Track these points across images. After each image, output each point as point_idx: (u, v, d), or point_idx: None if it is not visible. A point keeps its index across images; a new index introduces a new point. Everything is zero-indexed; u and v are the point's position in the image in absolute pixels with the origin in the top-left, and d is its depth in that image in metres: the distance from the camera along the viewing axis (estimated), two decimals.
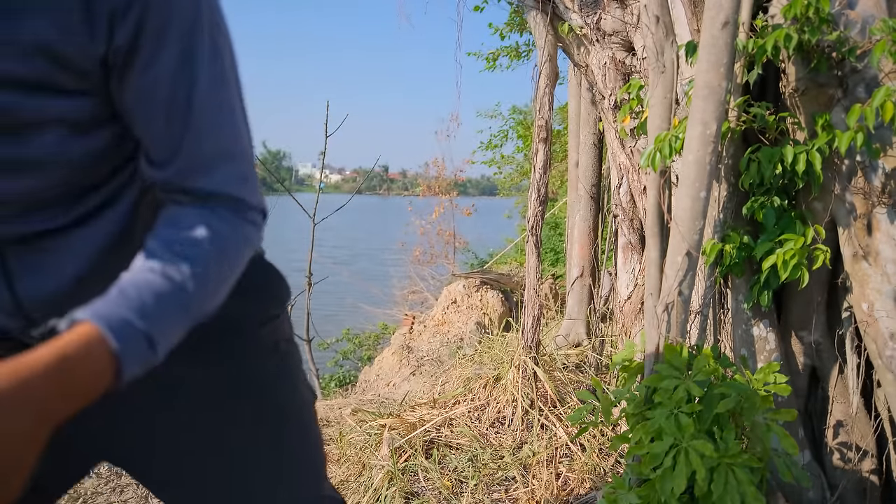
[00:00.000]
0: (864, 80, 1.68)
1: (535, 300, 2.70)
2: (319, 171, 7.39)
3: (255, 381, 0.84)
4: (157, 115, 0.65)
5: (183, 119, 0.65)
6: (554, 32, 2.74)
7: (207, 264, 0.64)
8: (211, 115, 0.67)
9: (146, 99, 0.64)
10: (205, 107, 0.66)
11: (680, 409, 1.45)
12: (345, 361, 7.03)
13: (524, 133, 9.66)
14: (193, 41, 0.63)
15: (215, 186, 0.68)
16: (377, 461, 2.36)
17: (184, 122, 0.65)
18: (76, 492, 2.23)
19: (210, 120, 0.67)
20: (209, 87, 0.66)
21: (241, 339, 0.83)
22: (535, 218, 2.75)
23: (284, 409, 0.87)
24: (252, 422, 0.84)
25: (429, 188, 9.07)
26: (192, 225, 0.65)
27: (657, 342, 1.61)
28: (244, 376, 0.83)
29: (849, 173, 1.73)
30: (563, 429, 2.47)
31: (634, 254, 2.78)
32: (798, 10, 1.61)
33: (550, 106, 2.77)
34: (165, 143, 0.66)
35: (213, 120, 0.67)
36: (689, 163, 1.58)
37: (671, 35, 1.75)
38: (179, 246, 0.64)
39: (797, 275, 1.73)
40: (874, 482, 1.85)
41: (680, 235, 1.58)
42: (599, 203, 3.86)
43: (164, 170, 0.67)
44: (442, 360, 4.14)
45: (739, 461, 1.39)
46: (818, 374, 1.97)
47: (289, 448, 0.87)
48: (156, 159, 0.67)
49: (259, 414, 0.84)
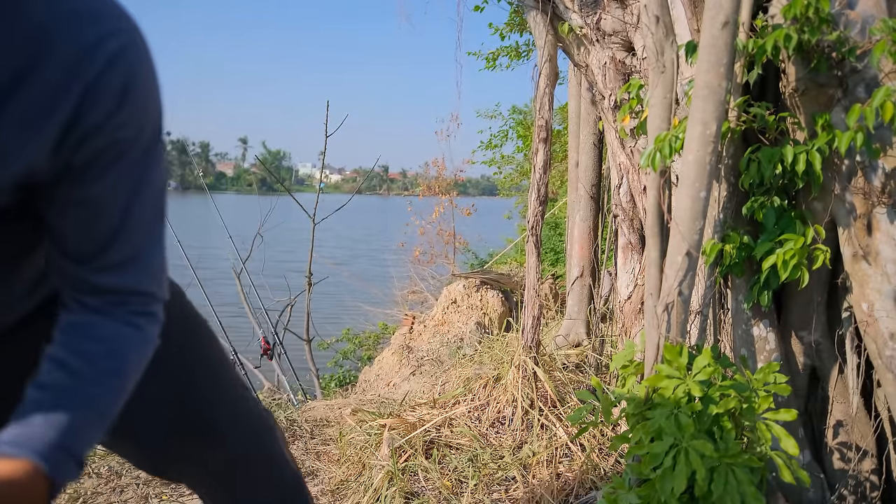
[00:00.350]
0: (864, 80, 1.68)
1: (535, 300, 2.70)
2: (319, 171, 7.38)
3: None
4: (92, 217, 0.68)
5: (117, 224, 0.69)
6: (554, 32, 2.74)
7: (121, 373, 0.71)
8: (141, 221, 0.71)
9: (85, 204, 0.67)
10: (138, 214, 0.71)
11: (680, 409, 1.45)
12: (345, 361, 7.02)
13: (524, 133, 9.66)
14: (145, 161, 0.69)
15: (128, 283, 0.72)
16: (377, 461, 2.36)
17: (117, 226, 0.69)
18: (76, 492, 2.23)
19: (139, 225, 0.71)
20: (146, 198, 0.71)
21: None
22: (535, 218, 2.75)
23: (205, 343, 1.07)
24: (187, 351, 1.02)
25: (429, 188, 9.05)
26: (103, 335, 0.71)
27: (657, 342, 1.61)
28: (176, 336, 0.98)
29: (849, 173, 1.73)
30: (563, 429, 2.47)
31: (634, 254, 2.77)
32: (798, 10, 1.61)
33: (550, 106, 2.77)
34: (92, 242, 0.69)
35: (142, 225, 0.72)
36: (689, 163, 1.58)
37: (671, 35, 1.75)
38: (94, 358, 0.69)
39: (797, 275, 1.73)
40: (874, 482, 1.85)
41: (680, 235, 1.58)
42: (599, 203, 3.87)
43: (83, 265, 0.70)
44: (442, 360, 4.14)
45: (739, 461, 1.39)
46: (818, 374, 1.97)
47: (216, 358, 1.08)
48: (77, 255, 0.70)
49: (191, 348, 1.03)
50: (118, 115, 0.63)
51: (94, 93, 0.61)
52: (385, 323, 7.54)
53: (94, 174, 0.65)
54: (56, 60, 0.59)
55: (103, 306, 0.71)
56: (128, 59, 0.63)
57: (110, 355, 0.70)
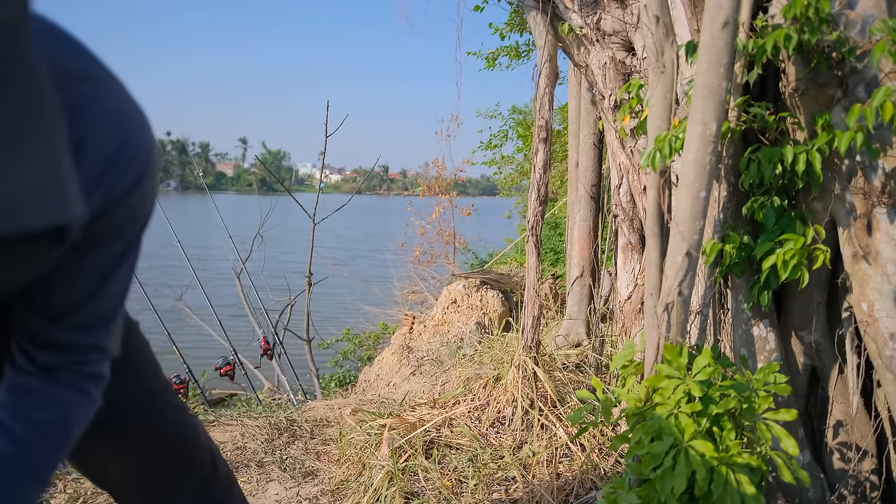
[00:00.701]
0: (864, 80, 1.68)
1: (535, 300, 2.70)
2: (319, 171, 7.38)
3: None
4: (74, 283, 0.71)
5: (95, 289, 0.73)
6: (554, 32, 2.74)
7: (65, 441, 0.73)
8: (117, 287, 0.76)
9: (72, 271, 0.70)
10: (116, 282, 0.75)
11: (680, 409, 1.45)
12: (345, 361, 7.03)
13: (524, 133, 9.67)
14: (135, 240, 0.75)
15: (92, 340, 0.76)
16: (377, 461, 2.36)
17: (95, 291, 0.73)
18: (76, 492, 2.23)
19: (115, 291, 0.76)
20: (125, 269, 0.76)
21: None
22: (535, 218, 2.75)
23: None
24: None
25: (429, 188, 9.05)
26: (51, 402, 0.73)
27: (657, 342, 1.61)
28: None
29: (849, 173, 1.73)
30: (563, 429, 2.47)
31: (634, 254, 2.77)
32: (798, 10, 1.61)
33: (550, 106, 2.77)
34: (68, 303, 0.72)
35: (117, 291, 0.77)
36: (689, 163, 1.58)
37: (671, 35, 1.75)
38: (40, 426, 0.71)
39: (797, 275, 1.73)
40: (874, 482, 1.85)
41: (680, 235, 1.58)
42: (599, 203, 3.87)
43: (52, 323, 0.72)
44: (442, 360, 4.14)
45: (739, 461, 1.39)
46: (818, 374, 1.97)
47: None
48: (49, 313, 0.72)
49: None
50: (129, 199, 0.69)
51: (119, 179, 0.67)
52: (385, 323, 7.55)
53: (89, 248, 0.69)
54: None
55: (56, 365, 0.73)
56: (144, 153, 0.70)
57: (56, 423, 0.72)
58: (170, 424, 1.13)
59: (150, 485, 1.11)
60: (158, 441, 1.10)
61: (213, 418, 3.08)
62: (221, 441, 2.76)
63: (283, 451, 2.72)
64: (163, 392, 1.13)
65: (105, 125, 0.65)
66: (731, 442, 1.43)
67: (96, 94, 0.65)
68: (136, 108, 0.71)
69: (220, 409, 4.04)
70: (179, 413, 1.16)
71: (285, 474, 2.49)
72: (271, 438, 2.82)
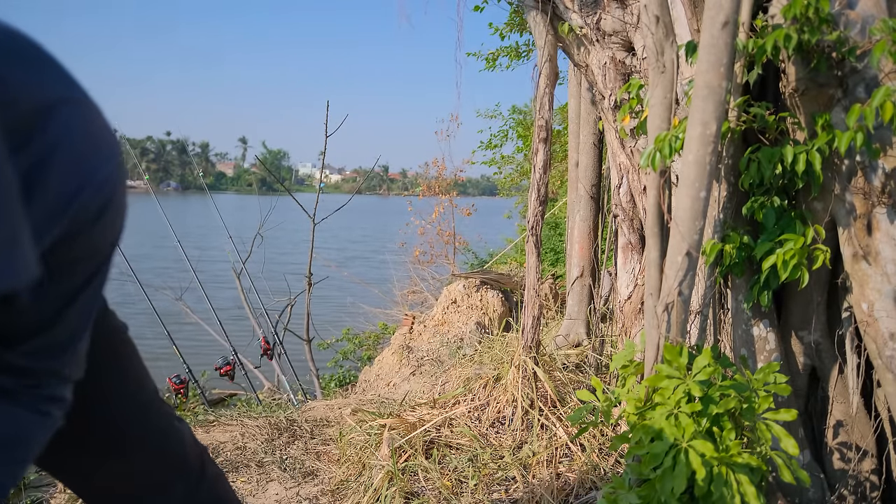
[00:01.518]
0: (864, 80, 1.68)
1: (535, 300, 2.69)
2: (319, 171, 7.38)
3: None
4: (33, 313, 0.69)
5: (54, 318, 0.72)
6: (554, 32, 2.74)
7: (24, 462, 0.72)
8: (80, 313, 0.75)
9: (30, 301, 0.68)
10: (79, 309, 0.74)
11: (680, 409, 1.45)
12: (345, 361, 7.03)
13: (524, 133, 9.67)
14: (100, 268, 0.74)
15: (51, 366, 0.74)
16: (377, 461, 2.36)
17: (55, 318, 0.72)
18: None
19: (77, 317, 0.75)
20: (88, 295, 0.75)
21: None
22: (535, 218, 2.75)
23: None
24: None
25: (429, 188, 9.06)
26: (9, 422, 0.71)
27: (657, 342, 1.61)
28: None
29: (849, 173, 1.73)
30: (563, 429, 2.47)
31: (634, 254, 2.77)
32: (798, 10, 1.61)
33: (550, 106, 2.77)
34: (28, 330, 0.71)
35: (80, 316, 0.76)
36: (689, 163, 1.58)
37: (671, 35, 1.75)
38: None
39: (797, 275, 1.73)
40: (874, 482, 1.85)
41: (680, 235, 1.58)
42: (599, 203, 3.87)
43: (10, 349, 0.71)
44: (442, 360, 4.14)
45: (739, 461, 1.39)
46: (818, 374, 1.97)
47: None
48: (7, 340, 0.71)
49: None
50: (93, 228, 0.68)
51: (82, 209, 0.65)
52: (385, 323, 7.54)
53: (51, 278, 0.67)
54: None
55: (14, 388, 0.72)
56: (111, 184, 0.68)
57: (14, 444, 0.71)
58: (158, 431, 1.13)
59: (136, 491, 1.11)
60: (146, 448, 1.10)
61: (213, 418, 3.08)
62: (221, 441, 2.76)
63: (283, 451, 2.72)
64: (150, 400, 1.13)
65: (69, 152, 0.63)
66: (731, 442, 1.43)
67: (63, 120, 0.63)
68: (105, 131, 0.68)
69: (220, 409, 4.04)
70: (167, 419, 1.16)
71: (285, 474, 2.49)
72: (271, 438, 2.82)
